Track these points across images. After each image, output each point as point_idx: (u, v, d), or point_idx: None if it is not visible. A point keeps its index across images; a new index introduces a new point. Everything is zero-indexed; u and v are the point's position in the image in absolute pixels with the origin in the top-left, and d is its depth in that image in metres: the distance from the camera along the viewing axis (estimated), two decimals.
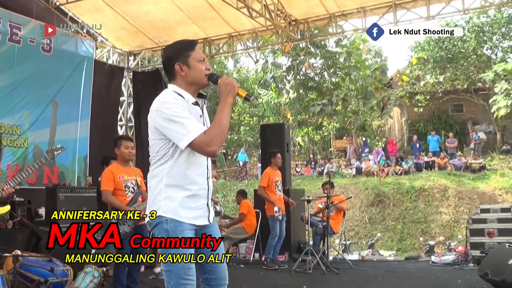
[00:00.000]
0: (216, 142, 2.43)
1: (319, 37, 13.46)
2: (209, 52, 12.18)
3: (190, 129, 2.42)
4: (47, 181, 9.86)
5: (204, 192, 2.62)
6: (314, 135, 29.21)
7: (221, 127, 2.46)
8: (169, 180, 2.53)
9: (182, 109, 2.47)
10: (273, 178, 8.29)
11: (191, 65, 2.59)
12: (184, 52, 2.62)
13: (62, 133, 10.38)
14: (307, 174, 21.61)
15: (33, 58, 9.76)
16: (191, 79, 2.60)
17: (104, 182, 5.36)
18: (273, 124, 17.77)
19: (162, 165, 2.55)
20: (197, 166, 2.58)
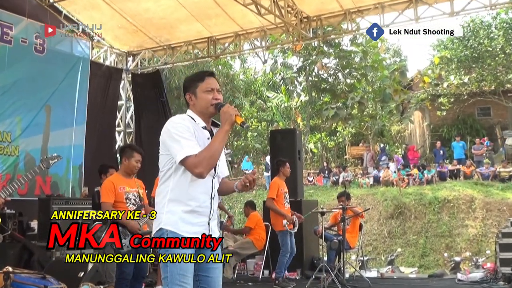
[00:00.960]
0: (203, 164, 2.77)
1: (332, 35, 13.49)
2: (214, 52, 12.23)
3: (185, 148, 2.79)
4: (39, 191, 9.92)
5: (205, 210, 2.94)
6: (327, 141, 29.16)
7: (211, 151, 2.81)
8: (171, 195, 2.88)
9: (186, 129, 2.86)
10: (282, 189, 8.26)
11: (198, 96, 3.01)
12: (193, 83, 3.05)
13: (56, 139, 10.45)
14: (320, 184, 21.56)
15: (25, 59, 9.85)
16: (198, 108, 3.01)
17: (104, 193, 5.38)
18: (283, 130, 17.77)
19: (167, 181, 2.91)
20: (200, 184, 2.91)
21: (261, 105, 30.57)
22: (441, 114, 25.53)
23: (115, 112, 12.57)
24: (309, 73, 26.01)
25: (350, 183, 20.00)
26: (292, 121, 27.64)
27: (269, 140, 10.50)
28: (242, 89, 29.23)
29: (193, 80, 3.06)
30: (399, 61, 27.24)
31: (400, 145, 26.62)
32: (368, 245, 15.48)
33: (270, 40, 12.81)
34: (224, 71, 27.81)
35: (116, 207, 5.33)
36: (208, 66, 26.07)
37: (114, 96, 12.46)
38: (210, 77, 3.05)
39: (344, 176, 20.57)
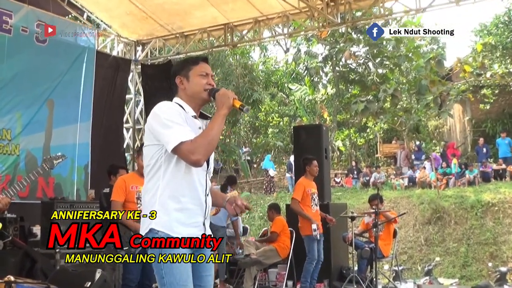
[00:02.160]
0: (201, 151, 2.78)
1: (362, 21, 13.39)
2: (231, 40, 12.25)
3: (178, 134, 2.79)
4: (41, 194, 10.05)
5: (200, 208, 2.95)
6: (356, 138, 29.03)
7: (209, 137, 2.82)
8: (162, 191, 2.88)
9: (177, 115, 2.88)
10: (308, 189, 8.26)
11: (190, 79, 3.04)
12: (186, 66, 3.08)
13: (59, 137, 10.56)
14: (349, 186, 21.48)
15: (25, 50, 9.97)
16: (190, 93, 3.03)
17: (115, 191, 5.50)
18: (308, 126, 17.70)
19: (155, 175, 2.91)
20: (194, 179, 2.93)
21: (282, 99, 30.55)
22: (484, 108, 25.22)
23: (123, 107, 12.66)
24: (336, 63, 25.90)
25: (383, 184, 19.87)
26: (318, 116, 27.57)
27: (292, 137, 10.48)
28: (262, 81, 29.24)
29: (186, 63, 3.10)
30: (437, 49, 26.98)
31: (438, 142, 26.37)
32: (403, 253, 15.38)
33: (293, 26, 12.78)
34: (242, 61, 27.85)
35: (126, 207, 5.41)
36: (225, 56, 26.16)
37: (122, 89, 12.56)
38: (204, 62, 3.10)
39: (375, 177, 20.47)
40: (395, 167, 23.40)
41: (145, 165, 2.97)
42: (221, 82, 26.85)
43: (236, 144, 29.88)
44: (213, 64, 26.19)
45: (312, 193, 8.27)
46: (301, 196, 8.17)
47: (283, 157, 28.85)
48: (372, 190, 18.22)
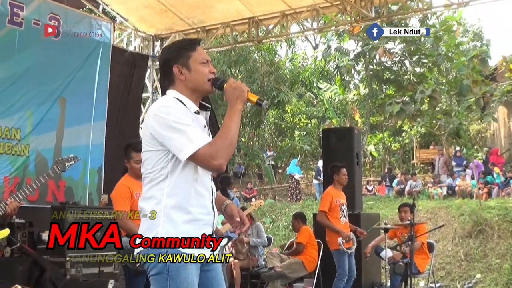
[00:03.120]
0: (223, 154, 2.64)
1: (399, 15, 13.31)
2: (256, 35, 12.26)
3: (193, 138, 2.64)
4: (51, 198, 10.14)
5: (209, 218, 2.82)
6: (391, 143, 28.85)
7: (229, 137, 2.67)
8: (169, 201, 2.72)
9: (185, 115, 2.72)
10: (336, 200, 8.22)
11: (191, 68, 2.86)
12: (183, 52, 2.89)
13: (71, 137, 10.65)
14: (382, 194, 21.36)
15: (37, 44, 10.07)
16: (192, 84, 2.86)
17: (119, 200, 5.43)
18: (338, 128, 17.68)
19: (160, 183, 2.75)
20: (202, 186, 2.79)
21: (311, 99, 30.51)
22: None
23: (140, 106, 12.74)
24: (369, 61, 25.78)
25: (419, 193, 19.72)
26: (349, 118, 27.46)
27: (320, 140, 10.46)
28: (288, 80, 29.22)
29: (183, 49, 2.90)
30: (480, 46, 26.73)
31: (480, 148, 26.08)
32: (441, 269, 15.22)
33: (323, 21, 12.75)
34: (268, 58, 27.86)
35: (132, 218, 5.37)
36: (249, 52, 26.20)
37: (139, 87, 12.63)
38: (199, 47, 2.95)
39: (411, 185, 20.31)
40: (432, 174, 23.22)
41: (145, 172, 2.81)
42: (245, 80, 26.90)
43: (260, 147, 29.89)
44: (235, 60, 26.26)
45: (341, 204, 8.22)
46: (328, 208, 8.13)
47: (310, 162, 28.79)
48: (407, 199, 18.07)
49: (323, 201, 8.26)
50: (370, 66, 26.06)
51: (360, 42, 25.75)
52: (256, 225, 10.20)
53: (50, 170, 5.22)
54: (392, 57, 25.26)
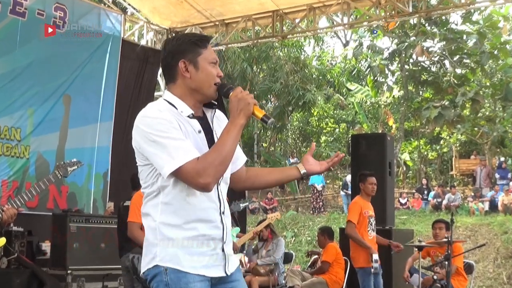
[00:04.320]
0: (211, 172, 2.56)
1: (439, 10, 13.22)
2: (280, 31, 12.25)
3: (174, 154, 2.57)
4: (52, 204, 10.19)
5: (218, 232, 2.74)
6: (427, 151, 28.67)
7: (222, 153, 2.60)
8: (164, 217, 2.69)
9: (168, 125, 2.63)
10: (365, 211, 8.15)
11: (200, 66, 2.78)
12: (194, 48, 2.80)
13: (76, 139, 10.71)
14: (416, 208, 21.22)
15: (40, 37, 10.14)
16: (195, 84, 2.79)
17: (132, 211, 5.49)
18: (369, 134, 17.58)
19: (154, 199, 2.73)
20: (202, 197, 2.71)
21: (339, 101, 30.43)
22: None
23: None
24: (405, 60, 25.66)
25: (457, 208, 19.56)
26: (381, 123, 27.35)
27: (349, 147, 10.41)
28: (315, 80, 29.19)
29: (194, 44, 2.81)
30: None
31: None
32: None
33: (355, 15, 12.71)
34: (293, 55, 27.86)
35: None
36: (272, 48, 26.21)
37: (151, 84, 12.68)
38: (210, 46, 2.87)
39: (449, 199, 20.15)
40: (473, 187, 23.02)
41: (143, 185, 2.79)
42: (268, 80, 26.90)
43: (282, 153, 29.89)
44: (257, 57, 26.27)
45: (370, 216, 8.14)
46: (357, 219, 8.05)
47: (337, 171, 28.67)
48: (444, 214, 17.93)
49: (352, 211, 8.15)
50: (405, 66, 25.92)
51: (395, 39, 25.66)
52: (277, 240, 10.16)
53: (51, 175, 5.24)
54: (431, 57, 25.13)
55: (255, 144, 29.40)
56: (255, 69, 27.81)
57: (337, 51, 32.70)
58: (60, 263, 7.76)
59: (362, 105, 27.91)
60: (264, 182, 3.10)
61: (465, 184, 25.31)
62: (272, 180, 3.10)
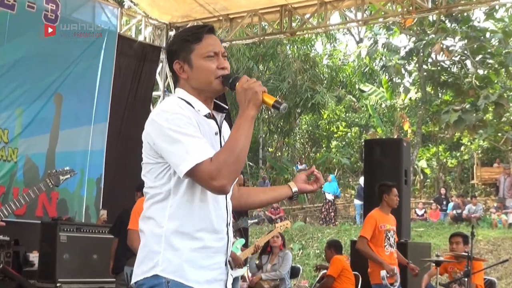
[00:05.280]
0: (225, 173, 2.51)
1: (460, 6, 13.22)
2: (289, 27, 12.25)
3: (191, 151, 2.53)
4: (41, 212, 10.18)
5: (222, 244, 2.74)
6: (447, 158, 28.63)
7: (235, 152, 2.54)
8: (171, 225, 2.64)
9: (187, 121, 2.61)
10: (382, 225, 8.14)
11: (193, 64, 2.75)
12: (185, 45, 2.78)
13: (67, 142, 10.71)
14: (434, 220, 21.17)
15: (31, 31, 10.16)
16: (196, 83, 2.77)
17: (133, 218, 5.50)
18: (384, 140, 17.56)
19: (162, 202, 2.68)
20: (213, 206, 2.69)
21: (351, 103, 30.42)
22: None
23: (149, 107, 12.77)
24: (423, 60, 25.65)
25: (479, 220, 19.50)
26: (396, 128, 27.34)
27: (362, 153, 10.39)
28: (326, 79, 29.19)
29: (185, 40, 2.80)
30: None
31: None
32: None
33: (369, 11, 12.71)
34: (302, 53, 27.87)
35: None
36: (280, 45, 26.22)
37: (149, 84, 12.68)
38: (209, 35, 2.80)
39: (470, 210, 20.09)
40: (496, 198, 22.95)
41: (146, 186, 2.75)
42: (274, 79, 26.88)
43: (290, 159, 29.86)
44: (263, 55, 26.27)
45: (387, 230, 8.13)
46: (371, 234, 8.04)
47: (349, 179, 28.68)
48: (464, 227, 17.89)
49: (366, 225, 8.17)
50: (424, 66, 25.92)
51: (412, 37, 25.64)
52: (284, 253, 10.14)
53: (41, 184, 5.24)
54: (451, 56, 25.12)
55: (261, 148, 29.40)
56: (262, 67, 27.82)
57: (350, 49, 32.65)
58: (48, 275, 7.76)
59: (376, 108, 27.87)
60: (258, 202, 3.09)
61: (487, 194, 25.25)
62: (264, 199, 3.09)
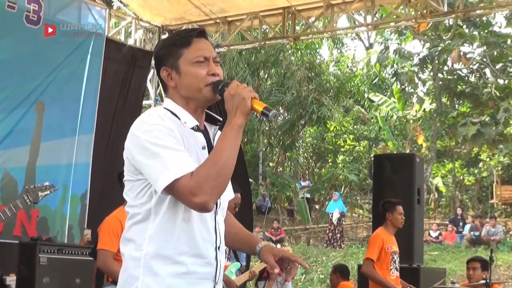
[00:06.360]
0: (207, 188, 2.47)
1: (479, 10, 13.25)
2: (292, 31, 12.27)
3: (170, 165, 2.50)
4: (19, 231, 10.13)
5: (210, 270, 2.69)
6: (464, 175, 28.62)
7: (218, 164, 2.51)
8: (152, 247, 2.62)
9: (167, 133, 2.58)
10: (389, 247, 8.12)
11: (181, 70, 2.73)
12: (172, 50, 2.77)
13: (49, 154, 10.67)
14: (450, 243, 21.16)
15: (11, 33, 10.15)
16: (184, 92, 2.75)
17: (105, 236, 5.43)
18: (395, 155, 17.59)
19: (143, 222, 2.66)
20: (198, 227, 2.65)
21: (360, 114, 30.42)
22: None
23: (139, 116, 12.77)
24: (438, 68, 25.69)
25: (498, 244, 19.49)
26: (409, 142, 27.34)
27: (371, 169, 10.39)
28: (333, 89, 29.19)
29: (173, 45, 2.79)
30: None
31: None
32: None
33: (380, 14, 12.73)
34: (307, 60, 27.89)
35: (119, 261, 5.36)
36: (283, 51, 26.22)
37: (139, 91, 12.68)
38: (200, 39, 2.78)
39: (489, 232, 20.09)
40: None
41: (127, 206, 2.73)
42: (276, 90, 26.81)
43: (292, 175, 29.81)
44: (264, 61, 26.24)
45: (393, 252, 8.12)
46: (377, 256, 8.04)
47: (357, 197, 28.64)
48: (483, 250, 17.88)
49: (371, 246, 8.14)
50: (439, 75, 25.96)
51: (427, 43, 25.70)
52: None
53: (19, 201, 5.25)
54: (469, 64, 25.16)
55: (260, 163, 29.40)
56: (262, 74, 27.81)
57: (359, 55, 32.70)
58: None
59: (387, 120, 27.89)
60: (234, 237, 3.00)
61: (507, 215, 25.26)
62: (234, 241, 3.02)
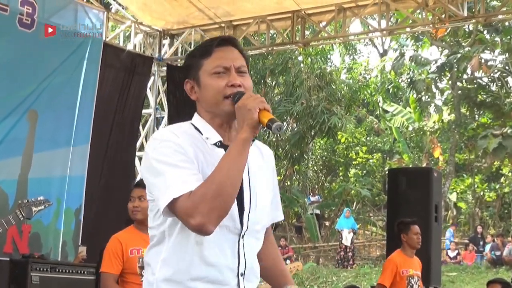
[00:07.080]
0: (203, 210, 2.41)
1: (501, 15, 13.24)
2: (302, 36, 12.27)
3: (171, 184, 2.47)
4: (10, 248, 10.11)
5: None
6: (484, 191, 28.55)
7: (214, 183, 2.45)
8: (164, 271, 2.59)
9: (175, 149, 2.54)
10: (404, 270, 8.15)
11: (201, 82, 2.71)
12: (193, 61, 2.77)
13: (42, 166, 10.67)
14: (469, 263, 21.10)
15: (2, 37, 10.17)
16: (206, 105, 2.72)
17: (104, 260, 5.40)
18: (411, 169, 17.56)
19: (158, 245, 2.65)
20: (214, 251, 2.59)
21: (374, 125, 30.38)
22: None
23: (138, 127, 12.77)
24: (457, 76, 25.67)
25: None
26: (426, 155, 27.29)
27: (385, 184, 10.37)
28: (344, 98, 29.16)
29: (193, 56, 2.79)
30: None
31: None
32: None
33: (395, 18, 12.72)
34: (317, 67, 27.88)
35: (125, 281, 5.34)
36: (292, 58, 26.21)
37: (138, 100, 12.66)
38: (222, 47, 2.72)
39: (511, 252, 20.01)
40: None
41: (149, 226, 2.71)
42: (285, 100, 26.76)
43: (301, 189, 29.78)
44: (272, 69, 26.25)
45: (410, 276, 8.13)
46: (390, 281, 8.05)
47: (370, 213, 28.59)
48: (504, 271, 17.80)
49: (384, 271, 8.20)
50: (458, 83, 25.94)
51: (445, 50, 25.68)
52: None
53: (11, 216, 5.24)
54: (490, 72, 25.13)
55: None
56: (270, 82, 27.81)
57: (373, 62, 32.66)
58: None
59: (402, 131, 27.85)
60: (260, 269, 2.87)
61: None
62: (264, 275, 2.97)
